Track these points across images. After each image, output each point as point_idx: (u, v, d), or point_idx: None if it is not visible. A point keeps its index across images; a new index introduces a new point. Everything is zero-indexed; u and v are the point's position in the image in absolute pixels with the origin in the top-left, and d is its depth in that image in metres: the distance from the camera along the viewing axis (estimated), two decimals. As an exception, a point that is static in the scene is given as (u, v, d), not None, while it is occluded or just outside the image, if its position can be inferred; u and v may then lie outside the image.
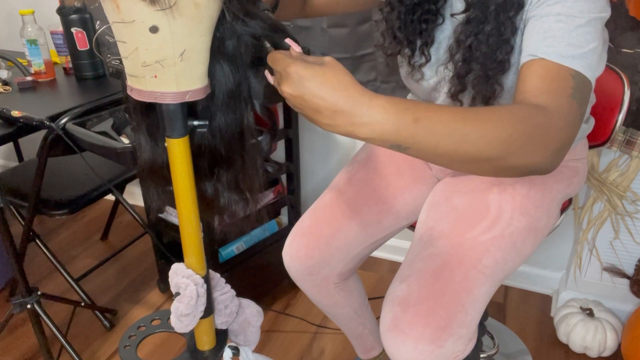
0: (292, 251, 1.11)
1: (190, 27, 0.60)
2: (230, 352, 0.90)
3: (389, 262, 1.98)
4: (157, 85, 0.63)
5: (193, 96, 0.65)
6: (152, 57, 0.61)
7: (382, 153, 1.17)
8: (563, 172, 1.03)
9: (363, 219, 1.09)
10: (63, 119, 1.29)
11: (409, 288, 0.89)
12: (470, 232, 0.93)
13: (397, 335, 0.85)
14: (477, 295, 0.88)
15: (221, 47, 0.66)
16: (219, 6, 0.62)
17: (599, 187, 1.44)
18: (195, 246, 0.78)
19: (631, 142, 1.33)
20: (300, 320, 1.69)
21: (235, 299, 0.90)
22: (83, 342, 1.63)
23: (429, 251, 0.92)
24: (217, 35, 0.65)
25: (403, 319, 0.86)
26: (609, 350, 1.50)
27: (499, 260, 0.91)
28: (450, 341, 0.84)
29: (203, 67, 0.65)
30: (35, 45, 1.58)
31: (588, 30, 0.73)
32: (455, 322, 0.85)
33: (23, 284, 1.42)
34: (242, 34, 0.66)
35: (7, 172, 1.73)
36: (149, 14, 0.58)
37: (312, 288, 1.14)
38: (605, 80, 1.15)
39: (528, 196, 0.97)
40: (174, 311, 0.79)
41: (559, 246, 1.70)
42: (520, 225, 0.94)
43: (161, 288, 1.83)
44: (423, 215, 1.04)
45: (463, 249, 0.91)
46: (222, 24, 0.64)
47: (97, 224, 2.25)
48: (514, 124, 0.62)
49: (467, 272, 0.88)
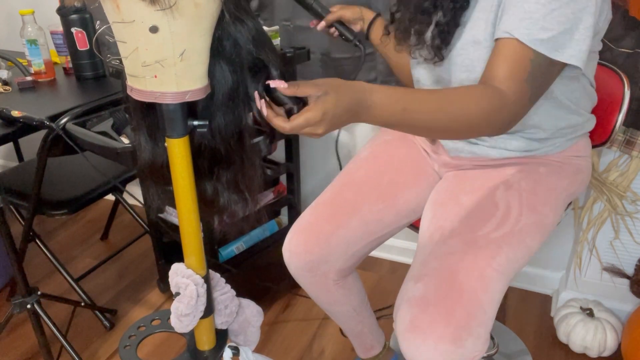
0: (291, 247, 1.11)
1: (190, 27, 0.60)
2: (230, 352, 0.90)
3: (389, 262, 1.98)
4: (157, 85, 0.63)
5: (193, 96, 0.65)
6: (152, 57, 0.61)
7: (383, 151, 1.18)
8: (566, 169, 1.04)
9: (364, 216, 1.10)
10: (63, 119, 1.29)
11: (425, 288, 0.88)
12: (482, 229, 0.93)
13: (416, 336, 0.84)
14: (493, 293, 0.88)
15: (220, 47, 0.66)
16: (219, 6, 0.62)
17: (599, 187, 1.44)
18: (195, 246, 0.78)
19: (631, 142, 1.33)
20: (300, 320, 1.69)
21: (235, 299, 0.90)
22: (83, 342, 1.63)
23: (443, 250, 0.93)
24: (216, 36, 0.65)
25: (423, 319, 0.85)
26: (609, 350, 1.50)
27: (511, 257, 0.91)
28: (470, 341, 0.83)
29: (203, 67, 0.65)
30: (35, 45, 1.58)
31: (564, 12, 0.77)
32: (475, 320, 0.84)
33: (23, 284, 1.42)
34: (238, 36, 0.66)
35: (7, 172, 1.73)
36: (149, 14, 0.58)
37: (311, 284, 1.15)
38: (605, 81, 1.15)
39: (534, 192, 0.98)
40: (174, 311, 0.79)
41: (559, 246, 1.70)
42: (528, 222, 0.95)
43: (161, 288, 1.83)
44: (429, 214, 1.05)
45: (476, 247, 0.91)
46: (221, 24, 0.64)
47: (97, 224, 2.25)
48: (478, 108, 0.76)
49: (483, 270, 0.88)
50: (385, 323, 1.68)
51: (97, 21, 1.67)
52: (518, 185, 0.99)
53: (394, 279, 1.90)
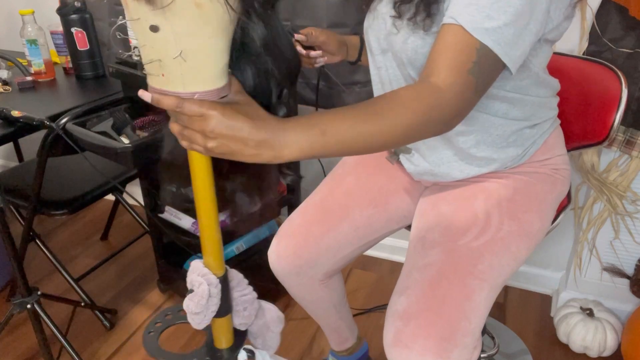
0: (279, 250, 1.09)
1: (193, 27, 0.59)
2: (245, 354, 0.89)
3: (389, 262, 1.98)
4: (164, 83, 0.63)
5: (201, 98, 0.63)
6: (155, 55, 0.61)
7: (372, 158, 1.16)
8: (539, 172, 1.01)
9: (354, 221, 1.08)
10: (63, 119, 1.29)
11: (408, 300, 0.87)
12: (461, 239, 0.92)
13: (401, 350, 0.84)
14: (477, 302, 0.86)
15: (241, 51, 0.64)
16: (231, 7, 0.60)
17: (599, 187, 1.44)
18: (213, 245, 0.78)
19: (631, 142, 1.33)
20: (300, 320, 1.69)
21: (256, 302, 0.89)
22: (83, 342, 1.63)
23: (424, 261, 0.91)
24: (236, 39, 0.63)
25: (405, 332, 0.84)
26: (609, 350, 1.50)
27: (494, 265, 0.90)
28: (456, 352, 0.82)
29: (214, 69, 0.63)
30: (35, 45, 1.58)
31: (510, 3, 0.71)
32: (459, 331, 0.83)
33: (23, 284, 1.42)
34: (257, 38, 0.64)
35: (7, 172, 1.73)
36: (149, 13, 0.58)
37: (297, 287, 1.14)
38: (601, 78, 1.15)
39: (513, 201, 0.96)
40: (185, 308, 0.80)
41: (559, 246, 1.70)
42: (511, 230, 0.93)
43: (161, 288, 1.83)
44: (414, 223, 1.04)
45: (457, 256, 0.89)
46: (242, 27, 0.63)
47: (97, 224, 2.25)
48: (411, 113, 0.68)
49: (463, 279, 0.87)
50: (385, 323, 1.69)
51: (120, 17, 1.67)
52: (497, 193, 0.96)
53: (394, 279, 1.89)
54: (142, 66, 0.64)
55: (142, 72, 1.27)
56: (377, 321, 1.69)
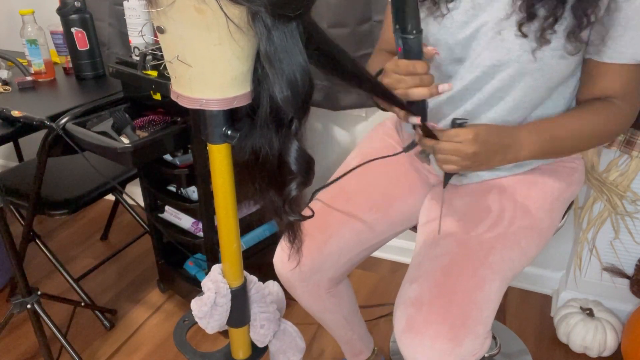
0: (284, 257, 1.09)
1: (193, 33, 0.58)
2: None
3: (390, 263, 1.98)
4: (176, 85, 0.64)
5: (207, 105, 0.63)
6: (167, 56, 0.62)
7: (374, 163, 1.15)
8: (560, 171, 1.03)
9: (356, 226, 1.08)
10: (63, 119, 1.29)
11: (420, 288, 0.88)
12: (474, 230, 0.93)
13: (414, 336, 0.84)
14: (488, 292, 0.87)
15: (260, 65, 0.60)
16: (238, 17, 0.56)
17: (599, 187, 1.44)
18: (230, 253, 0.76)
19: (631, 142, 1.33)
20: (300, 321, 1.69)
21: (277, 322, 0.86)
22: (83, 342, 1.63)
23: (436, 252, 0.92)
24: (265, 52, 0.58)
25: (418, 318, 0.85)
26: (609, 350, 1.50)
27: (505, 258, 0.91)
28: (468, 339, 0.83)
29: (222, 78, 0.61)
30: (35, 45, 1.58)
31: None
32: (471, 319, 0.84)
33: (23, 284, 1.42)
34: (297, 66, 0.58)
35: (7, 172, 1.73)
36: (155, 13, 0.58)
37: (303, 294, 1.14)
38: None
39: (528, 197, 0.97)
40: (192, 308, 0.79)
41: (559, 246, 1.70)
42: (522, 225, 0.94)
43: (161, 288, 1.83)
44: (423, 218, 1.04)
45: (469, 247, 0.91)
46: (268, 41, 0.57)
47: (97, 224, 2.25)
48: (608, 127, 0.91)
49: (475, 269, 0.88)
50: (385, 323, 1.68)
51: None
52: (512, 188, 0.98)
53: (394, 279, 1.90)
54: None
55: (142, 72, 1.27)
56: (377, 321, 1.69)
